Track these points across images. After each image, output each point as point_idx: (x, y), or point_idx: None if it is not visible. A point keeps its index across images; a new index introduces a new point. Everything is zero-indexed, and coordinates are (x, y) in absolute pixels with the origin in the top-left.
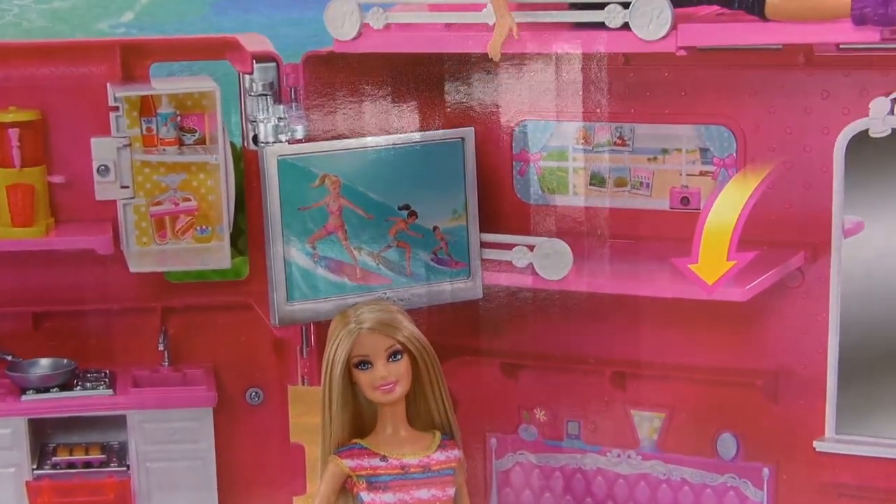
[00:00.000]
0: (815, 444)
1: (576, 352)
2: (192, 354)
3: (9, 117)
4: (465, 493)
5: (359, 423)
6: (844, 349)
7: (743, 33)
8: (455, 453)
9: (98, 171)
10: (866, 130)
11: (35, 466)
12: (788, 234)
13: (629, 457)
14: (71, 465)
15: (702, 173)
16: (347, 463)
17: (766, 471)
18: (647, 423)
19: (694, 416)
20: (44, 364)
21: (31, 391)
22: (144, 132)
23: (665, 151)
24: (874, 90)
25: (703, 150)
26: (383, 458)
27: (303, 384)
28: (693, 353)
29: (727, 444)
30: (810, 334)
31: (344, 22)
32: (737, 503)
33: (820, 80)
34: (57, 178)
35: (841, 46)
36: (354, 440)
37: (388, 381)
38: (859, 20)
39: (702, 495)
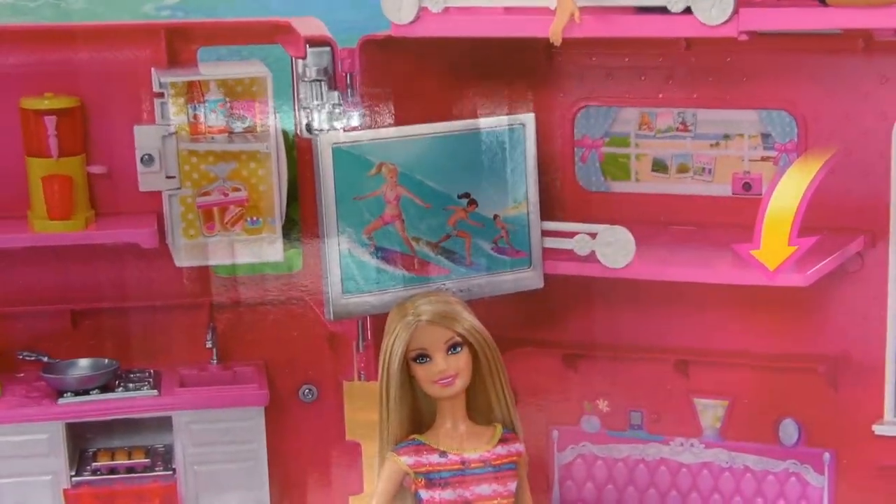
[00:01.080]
0: (874, 427)
1: (638, 341)
2: (241, 351)
3: (44, 104)
4: (527, 488)
5: (417, 418)
6: None
7: (803, 18)
8: (516, 447)
9: (142, 160)
10: None
11: (74, 473)
12: (847, 220)
13: (692, 445)
14: (113, 470)
15: (763, 158)
16: (406, 460)
17: (826, 455)
18: (710, 412)
19: (756, 403)
20: (83, 365)
21: (69, 393)
22: (191, 119)
23: (727, 137)
24: None
25: (765, 136)
26: (442, 454)
27: (359, 379)
28: (754, 339)
29: (789, 430)
30: (869, 319)
31: (401, 5)
32: (798, 489)
33: (878, 65)
34: (97, 169)
35: None
36: (413, 436)
37: (447, 374)
38: None
39: (764, 482)
